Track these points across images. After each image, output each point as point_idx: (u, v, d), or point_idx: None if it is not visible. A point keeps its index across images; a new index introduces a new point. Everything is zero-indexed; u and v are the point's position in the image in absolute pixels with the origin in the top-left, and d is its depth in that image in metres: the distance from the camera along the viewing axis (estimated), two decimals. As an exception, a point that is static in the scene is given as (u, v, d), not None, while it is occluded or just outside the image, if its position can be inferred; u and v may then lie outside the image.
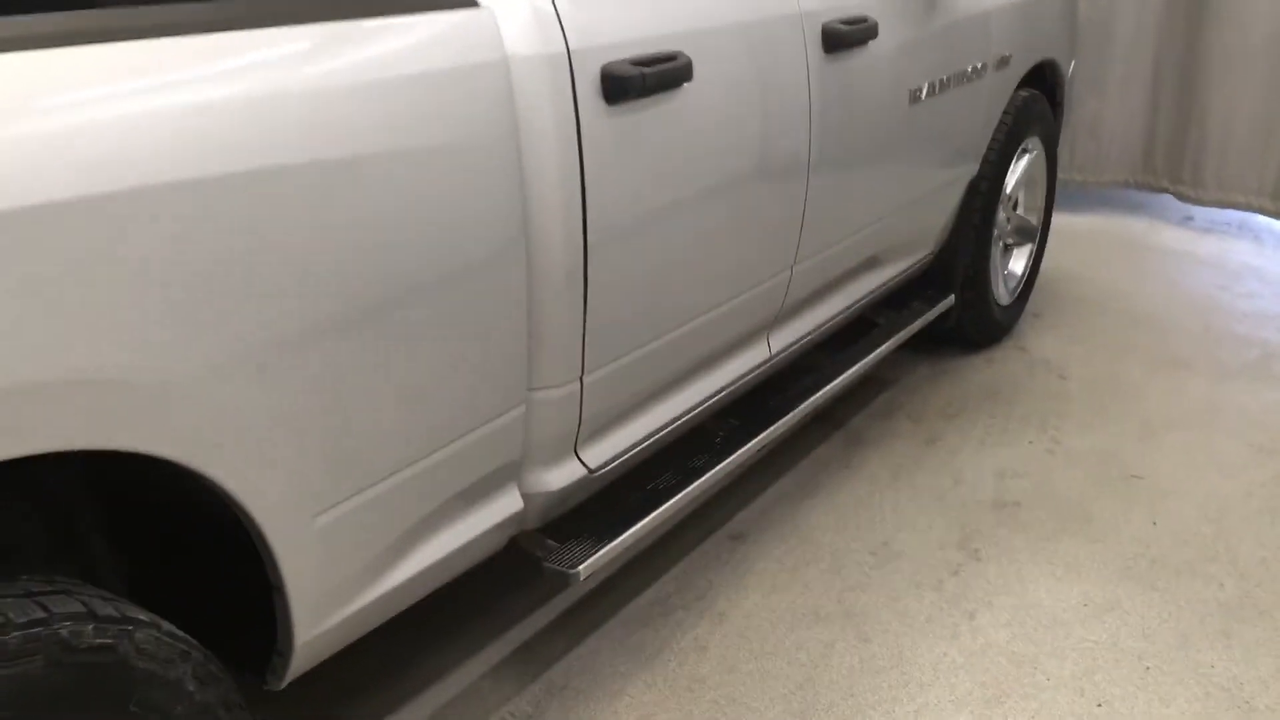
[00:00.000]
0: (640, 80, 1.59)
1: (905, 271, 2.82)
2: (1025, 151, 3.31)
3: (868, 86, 2.25)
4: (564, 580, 1.75)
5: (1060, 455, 2.78)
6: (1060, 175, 4.71)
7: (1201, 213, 4.72)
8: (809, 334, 2.39)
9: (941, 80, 2.56)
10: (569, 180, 1.53)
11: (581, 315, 1.62)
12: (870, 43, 2.23)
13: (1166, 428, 2.92)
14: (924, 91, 2.48)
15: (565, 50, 1.51)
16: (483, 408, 1.52)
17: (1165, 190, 4.66)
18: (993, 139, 3.02)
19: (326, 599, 1.36)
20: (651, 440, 1.96)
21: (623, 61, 1.59)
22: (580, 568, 1.75)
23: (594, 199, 1.58)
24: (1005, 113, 3.06)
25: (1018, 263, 3.51)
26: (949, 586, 2.28)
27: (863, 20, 2.20)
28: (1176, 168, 4.60)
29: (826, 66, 2.11)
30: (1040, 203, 3.53)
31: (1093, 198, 4.85)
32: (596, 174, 1.58)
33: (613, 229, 1.63)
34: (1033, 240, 3.53)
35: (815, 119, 2.08)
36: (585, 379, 1.69)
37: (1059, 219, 4.60)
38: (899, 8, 2.35)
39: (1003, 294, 3.36)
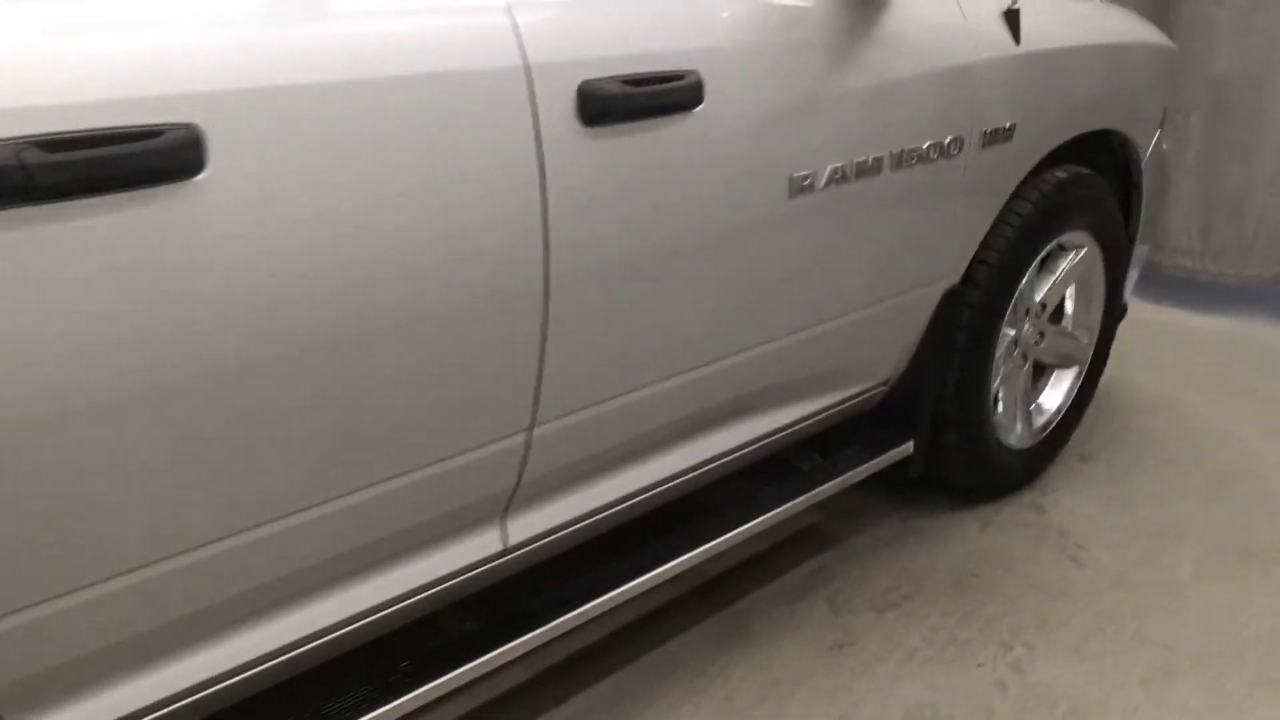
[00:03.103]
0: (22, 173, 0.97)
1: (822, 415, 2.06)
2: (1063, 250, 2.48)
3: (686, 172, 1.54)
4: None
5: (1013, 696, 1.97)
6: (1189, 265, 3.79)
7: (1377, 328, 3.66)
8: (601, 514, 1.69)
9: (861, 163, 1.80)
10: None
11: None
12: (694, 110, 1.52)
13: (1195, 665, 2.05)
14: (820, 179, 1.74)
15: None
16: None
17: (1328, 294, 3.63)
18: (990, 236, 2.21)
19: None
20: (231, 684, 1.33)
21: (21, 143, 0.97)
22: None
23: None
24: (1021, 199, 2.25)
25: (1054, 392, 2.66)
26: None
27: (673, 79, 1.49)
28: (1345, 267, 3.57)
29: (587, 145, 1.41)
30: (1096, 316, 2.66)
31: (1229, 295, 3.83)
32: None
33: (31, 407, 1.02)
34: (1080, 364, 2.67)
35: (557, 222, 1.40)
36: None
37: (1172, 319, 3.67)
38: (762, 61, 1.62)
39: (1020, 434, 2.53)
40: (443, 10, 1.30)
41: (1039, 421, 2.62)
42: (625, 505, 1.72)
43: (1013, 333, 2.42)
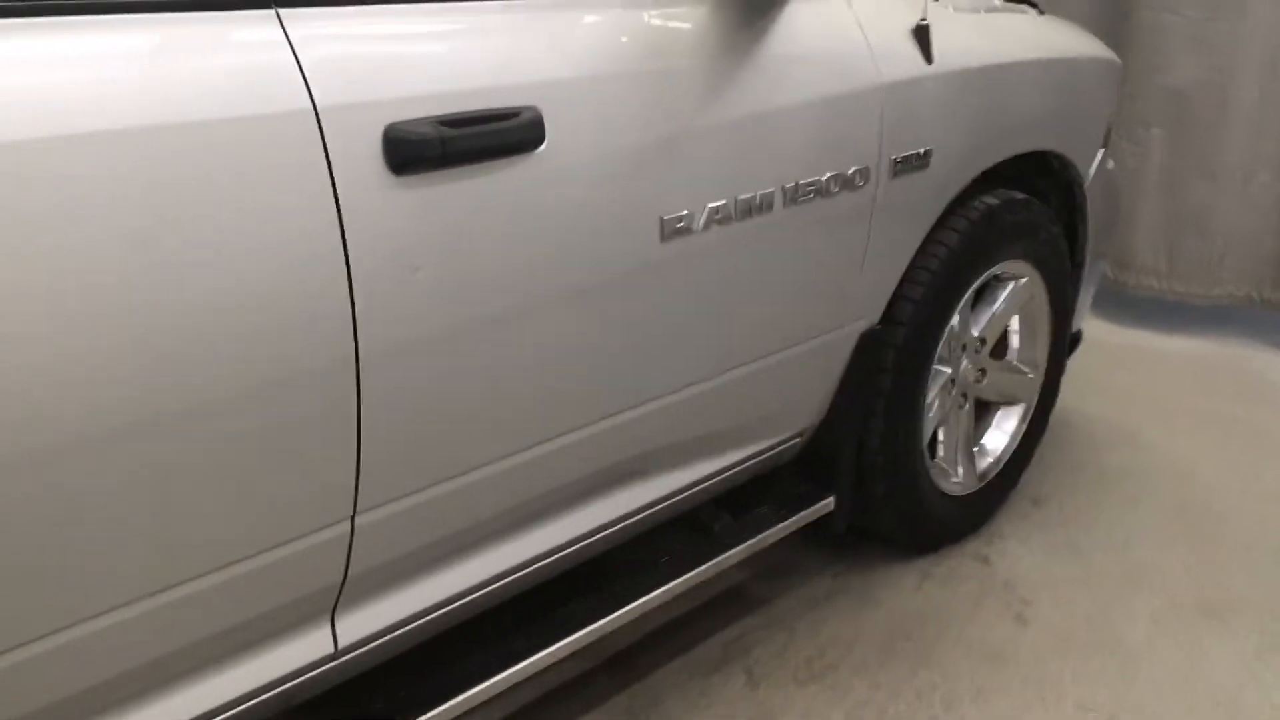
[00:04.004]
0: None
1: (727, 474, 1.88)
2: (1001, 281, 2.30)
3: (530, 221, 1.37)
4: None
5: (940, 781, 1.79)
6: (1155, 284, 3.61)
7: (1354, 348, 3.48)
8: (454, 604, 1.51)
9: (748, 200, 1.63)
10: None
11: None
12: (534, 152, 1.35)
13: (1142, 741, 1.87)
14: (698, 220, 1.56)
15: None
16: None
17: (1301, 314, 3.45)
18: (913, 270, 2.04)
19: None
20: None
21: None
22: None
23: None
24: (946, 229, 2.07)
25: (999, 432, 2.48)
26: None
27: (504, 117, 1.32)
28: (1318, 284, 3.39)
29: (398, 197, 1.24)
30: (1043, 348, 2.49)
31: (1197, 317, 3.65)
32: None
33: None
34: (1028, 401, 2.50)
35: (364, 285, 1.22)
36: None
37: (1137, 341, 3.49)
38: (618, 93, 1.45)
39: (962, 479, 2.35)
40: (206, 50, 1.13)
41: (983, 464, 2.44)
42: (488, 590, 1.54)
43: (949, 371, 2.25)
